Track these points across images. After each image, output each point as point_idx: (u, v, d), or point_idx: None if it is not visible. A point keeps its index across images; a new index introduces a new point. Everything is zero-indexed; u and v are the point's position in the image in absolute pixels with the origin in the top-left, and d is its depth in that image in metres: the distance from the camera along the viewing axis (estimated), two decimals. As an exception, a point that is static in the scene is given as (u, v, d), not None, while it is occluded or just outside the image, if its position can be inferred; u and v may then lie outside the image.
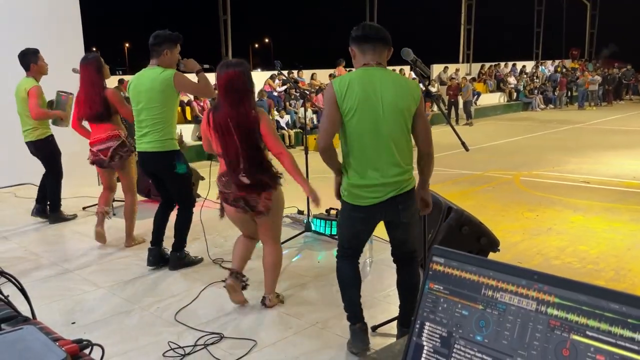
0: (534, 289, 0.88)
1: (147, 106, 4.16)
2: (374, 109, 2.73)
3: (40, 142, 5.60)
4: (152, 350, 3.13)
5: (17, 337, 1.18)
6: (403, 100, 2.74)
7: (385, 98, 2.73)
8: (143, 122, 4.20)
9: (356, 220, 2.94)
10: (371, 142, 2.77)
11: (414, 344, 1.00)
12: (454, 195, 5.83)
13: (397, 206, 2.85)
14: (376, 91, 2.73)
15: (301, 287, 4.02)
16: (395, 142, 2.77)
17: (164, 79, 4.08)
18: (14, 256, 4.81)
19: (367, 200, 2.84)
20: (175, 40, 4.19)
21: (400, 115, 2.75)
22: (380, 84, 2.74)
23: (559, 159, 10.25)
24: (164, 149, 4.20)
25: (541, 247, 5.24)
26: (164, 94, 4.11)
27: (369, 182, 2.80)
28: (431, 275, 1.01)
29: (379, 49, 2.81)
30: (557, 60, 26.52)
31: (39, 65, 5.48)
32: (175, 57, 4.21)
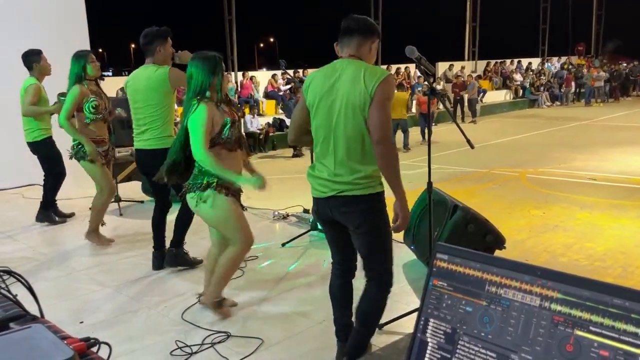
0: (537, 285, 0.88)
1: (143, 105, 4.17)
2: (329, 104, 2.58)
3: (37, 143, 5.60)
4: (159, 349, 3.15)
5: (25, 335, 1.19)
6: (356, 95, 2.50)
7: (340, 92, 2.55)
8: (140, 120, 4.22)
9: (315, 214, 2.87)
10: (325, 137, 2.62)
11: (418, 340, 1.00)
12: (459, 193, 5.82)
13: (339, 208, 2.63)
14: (334, 85, 2.58)
15: (307, 285, 4.03)
16: (347, 138, 2.55)
17: (158, 76, 4.10)
18: (22, 256, 4.84)
19: (316, 191, 2.71)
20: (164, 35, 4.19)
21: (353, 111, 2.52)
22: (339, 78, 2.57)
23: (566, 156, 10.21)
24: (161, 147, 4.14)
25: (548, 245, 5.22)
26: (159, 91, 4.12)
27: (319, 175, 2.66)
28: (435, 272, 1.01)
29: (357, 40, 2.63)
30: (564, 57, 26.40)
31: (42, 65, 5.50)
32: (168, 51, 4.21)
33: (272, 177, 8.23)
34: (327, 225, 2.81)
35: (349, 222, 2.66)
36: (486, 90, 20.68)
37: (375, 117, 2.48)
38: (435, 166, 3.47)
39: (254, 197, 4.03)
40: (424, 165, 8.45)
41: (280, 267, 4.45)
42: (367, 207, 2.60)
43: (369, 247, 2.69)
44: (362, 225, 2.63)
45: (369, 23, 2.70)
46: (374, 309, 2.80)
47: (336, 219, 2.69)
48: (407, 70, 19.46)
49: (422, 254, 4.25)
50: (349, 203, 2.59)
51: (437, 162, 3.29)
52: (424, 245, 4.07)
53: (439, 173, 3.03)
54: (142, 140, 4.25)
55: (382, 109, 2.49)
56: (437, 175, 3.40)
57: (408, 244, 4.56)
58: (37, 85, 5.42)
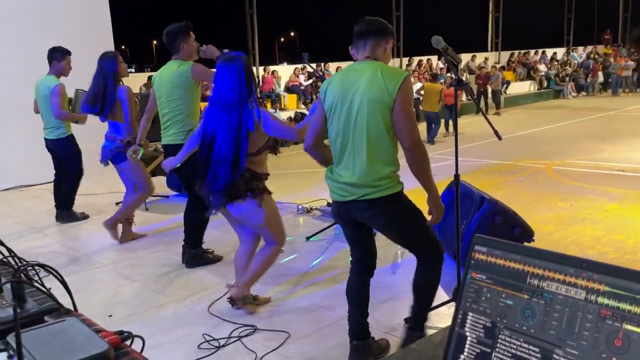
0: (582, 278, 0.85)
1: (167, 100, 4.21)
2: (347, 108, 2.57)
3: (60, 141, 5.64)
4: (187, 342, 3.17)
5: (60, 328, 1.20)
6: (375, 96, 2.49)
7: (358, 95, 2.54)
8: (165, 115, 4.26)
9: (337, 217, 2.85)
10: (344, 141, 2.61)
11: (456, 334, 0.98)
12: (484, 185, 5.74)
13: (363, 212, 2.64)
14: (351, 89, 2.57)
15: (332, 279, 4.02)
16: (368, 141, 2.53)
17: (181, 72, 4.12)
18: (52, 251, 4.92)
19: (336, 195, 2.71)
20: (185, 30, 4.20)
21: (373, 112, 2.50)
22: (356, 81, 2.56)
23: (593, 147, 10.01)
24: (182, 142, 4.11)
25: (576, 237, 5.12)
26: (182, 87, 4.14)
27: (339, 179, 2.66)
28: (473, 265, 0.99)
29: (372, 42, 2.64)
30: (590, 46, 25.86)
31: (62, 65, 5.51)
32: (192, 46, 4.21)
33: (294, 171, 8.25)
34: (348, 225, 2.82)
35: (374, 224, 2.70)
36: (510, 82, 20.37)
37: (402, 125, 2.49)
38: (460, 158, 3.42)
39: (277, 191, 4.03)
40: (448, 157, 8.36)
41: (305, 261, 4.45)
42: (390, 208, 2.61)
43: (404, 239, 2.80)
44: (388, 225, 2.67)
45: (382, 24, 2.70)
46: (428, 285, 2.86)
47: (359, 220, 2.71)
48: (430, 62, 19.26)
49: (448, 246, 4.20)
50: (372, 206, 2.60)
51: (462, 154, 3.24)
52: (451, 238, 4.03)
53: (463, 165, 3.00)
54: (167, 136, 4.29)
55: (408, 115, 2.51)
56: (462, 168, 3.35)
57: (434, 237, 4.52)
58: (61, 85, 5.47)
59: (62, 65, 5.52)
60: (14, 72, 7.24)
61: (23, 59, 7.18)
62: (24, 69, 7.09)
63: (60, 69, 5.53)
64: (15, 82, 7.18)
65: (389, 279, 3.90)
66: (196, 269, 4.34)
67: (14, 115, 7.25)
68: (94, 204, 6.19)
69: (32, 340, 1.12)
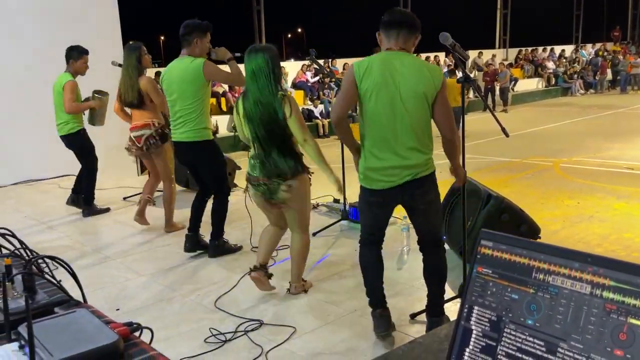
0: (587, 272, 0.86)
1: (179, 97, 4.20)
2: (391, 93, 2.71)
3: (71, 136, 5.68)
4: (193, 336, 3.19)
5: (71, 319, 1.22)
6: (422, 86, 2.70)
7: (403, 82, 2.70)
8: (177, 112, 4.25)
9: (373, 204, 2.94)
10: (388, 125, 2.75)
11: (462, 328, 0.99)
12: (492, 182, 5.74)
13: (414, 191, 2.83)
14: (395, 75, 2.71)
15: (339, 275, 4.03)
16: (412, 126, 2.74)
17: (193, 69, 4.11)
18: (60, 245, 4.96)
19: (382, 183, 2.83)
20: (204, 29, 4.21)
21: (419, 100, 2.71)
22: (400, 69, 2.71)
23: (601, 145, 9.97)
24: (198, 139, 4.24)
25: (583, 235, 5.11)
26: (194, 84, 4.14)
27: (385, 165, 2.79)
28: (479, 259, 0.99)
29: (404, 34, 2.78)
30: (598, 44, 25.69)
31: (79, 64, 5.56)
32: (205, 46, 4.22)
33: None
34: (383, 208, 2.95)
35: (421, 201, 2.87)
36: (517, 79, 20.29)
37: (445, 116, 2.79)
38: (467, 156, 3.42)
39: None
40: (454, 154, 8.34)
41: (311, 256, 4.44)
42: (434, 184, 2.90)
43: (434, 219, 2.98)
44: (433, 202, 2.91)
45: (415, 18, 2.82)
46: (443, 271, 3.08)
47: (405, 203, 2.90)
48: (437, 58, 19.21)
49: (454, 243, 4.21)
50: (423, 184, 2.82)
51: (469, 151, 3.24)
52: (457, 234, 4.03)
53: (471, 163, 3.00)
54: (178, 133, 4.29)
55: (448, 107, 2.82)
56: (469, 165, 3.36)
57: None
58: (73, 82, 5.51)
59: (79, 65, 5.57)
60: (25, 67, 7.28)
61: (33, 54, 7.23)
62: (34, 65, 7.15)
63: (77, 68, 5.58)
64: (26, 77, 7.23)
65: (394, 275, 3.91)
66: (204, 263, 4.37)
67: (24, 111, 7.30)
68: (101, 198, 6.22)
69: (43, 330, 1.14)
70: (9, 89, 7.29)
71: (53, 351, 1.06)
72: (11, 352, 1.14)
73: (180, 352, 2.99)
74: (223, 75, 4.44)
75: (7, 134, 7.36)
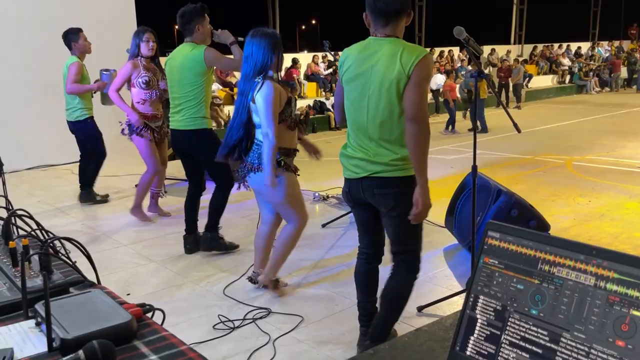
0: (592, 264, 0.87)
1: (179, 84, 4.14)
2: (364, 83, 2.51)
3: (79, 122, 5.67)
4: (202, 323, 3.24)
5: (86, 299, 1.25)
6: (391, 73, 2.41)
7: (376, 72, 2.47)
8: (176, 99, 4.19)
9: (345, 196, 2.76)
10: (359, 116, 2.56)
11: (467, 316, 1.01)
12: (503, 178, 5.72)
13: (373, 190, 2.57)
14: (368, 64, 2.50)
15: (347, 266, 4.06)
16: (381, 118, 2.48)
17: (194, 56, 4.04)
18: (73, 229, 5.03)
19: (348, 172, 2.65)
20: (201, 12, 4.11)
21: (389, 90, 2.43)
22: (374, 56, 2.49)
23: (614, 144, 9.89)
24: (195, 127, 4.14)
25: (593, 234, 5.09)
26: (194, 70, 4.06)
27: (352, 155, 2.60)
28: (486, 250, 1.01)
29: (393, 22, 2.49)
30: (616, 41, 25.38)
31: (80, 43, 5.54)
32: (207, 29, 4.13)
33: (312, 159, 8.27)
34: (358, 208, 2.75)
35: (382, 205, 2.59)
36: (532, 75, 20.12)
37: (410, 95, 2.40)
38: (479, 151, 3.42)
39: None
40: (466, 150, 8.32)
41: (320, 247, 4.50)
42: (402, 189, 2.52)
43: (400, 231, 2.63)
44: (395, 208, 2.56)
45: (401, 2, 2.50)
46: (401, 293, 2.76)
47: (368, 201, 2.63)
48: (451, 53, 19.10)
49: (463, 238, 4.22)
50: (383, 185, 2.53)
51: (480, 147, 3.22)
52: (466, 229, 4.04)
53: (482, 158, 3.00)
54: (176, 120, 4.21)
55: (418, 87, 2.40)
56: (480, 161, 3.35)
57: (449, 228, 4.53)
58: (78, 62, 5.49)
59: (81, 44, 5.55)
60: (37, 53, 7.35)
61: (45, 40, 7.27)
62: (46, 50, 7.20)
63: (80, 48, 5.56)
64: (38, 63, 7.30)
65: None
66: (213, 252, 4.40)
67: (37, 96, 7.38)
68: (112, 186, 6.29)
69: (59, 308, 1.18)
70: (24, 75, 7.37)
71: (69, 328, 1.10)
72: (28, 329, 1.18)
73: (189, 338, 3.01)
74: (224, 61, 4.27)
75: (21, 119, 7.45)
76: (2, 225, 1.62)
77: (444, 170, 7.26)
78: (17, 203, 1.83)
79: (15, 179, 7.05)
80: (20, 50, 7.36)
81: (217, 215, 4.33)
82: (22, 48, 7.37)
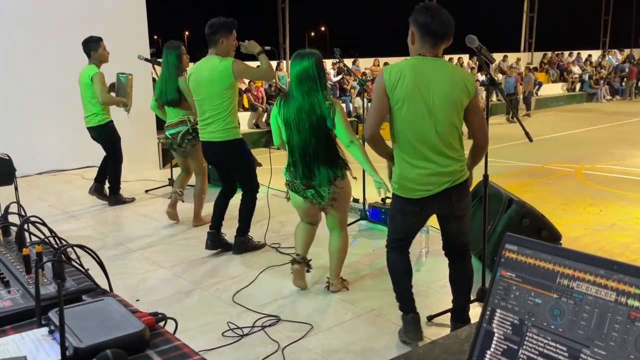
0: (613, 279, 0.86)
1: (208, 96, 4.19)
2: (424, 100, 2.68)
3: (100, 127, 5.79)
4: (211, 330, 3.23)
5: (99, 307, 1.25)
6: (455, 92, 2.70)
7: (436, 89, 2.68)
8: (206, 112, 4.24)
9: (408, 213, 2.90)
10: (422, 133, 2.72)
11: (484, 330, 0.99)
12: (513, 187, 5.69)
13: (451, 198, 2.80)
14: (428, 82, 2.68)
15: (356, 274, 4.04)
16: (446, 133, 2.73)
17: (223, 68, 4.11)
18: (83, 235, 5.04)
19: (419, 192, 2.80)
20: (229, 27, 4.20)
21: (452, 107, 2.70)
22: (434, 75, 2.69)
23: (625, 153, 9.82)
24: (228, 138, 4.25)
25: (604, 243, 5.05)
26: (223, 83, 4.14)
27: (421, 173, 2.76)
28: (503, 263, 1.00)
29: (444, 44, 2.76)
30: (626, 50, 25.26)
31: (100, 53, 5.65)
32: (231, 44, 4.23)
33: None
34: (419, 217, 2.96)
35: (458, 209, 2.85)
36: (542, 83, 20.05)
37: (479, 122, 2.82)
38: (490, 159, 3.39)
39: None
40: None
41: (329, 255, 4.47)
42: (469, 190, 2.90)
43: (464, 226, 2.95)
44: (467, 208, 2.92)
45: (452, 24, 2.76)
46: (472, 276, 3.11)
47: (440, 210, 2.87)
48: (461, 60, 19.09)
49: (474, 247, 4.18)
50: (460, 191, 2.82)
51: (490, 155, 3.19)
52: (477, 238, 4.01)
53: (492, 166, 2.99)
54: (207, 133, 4.28)
55: (481, 113, 2.86)
56: (490, 169, 3.34)
57: (459, 236, 4.50)
58: (101, 73, 5.60)
59: (100, 53, 5.66)
60: (49, 59, 7.41)
61: (57, 46, 7.34)
62: (58, 56, 7.26)
63: (99, 57, 5.67)
64: (49, 68, 7.35)
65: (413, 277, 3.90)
66: (223, 258, 4.41)
67: (48, 102, 7.44)
68: (123, 190, 6.30)
69: (72, 317, 1.17)
70: (35, 81, 7.42)
71: (82, 337, 1.10)
72: (41, 336, 1.18)
73: (198, 345, 3.02)
74: (252, 71, 4.44)
75: (32, 125, 7.50)
76: (16, 232, 1.62)
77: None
78: (28, 208, 1.83)
79: (26, 183, 7.09)
80: (32, 56, 7.42)
81: (247, 219, 4.48)
82: (34, 53, 7.43)
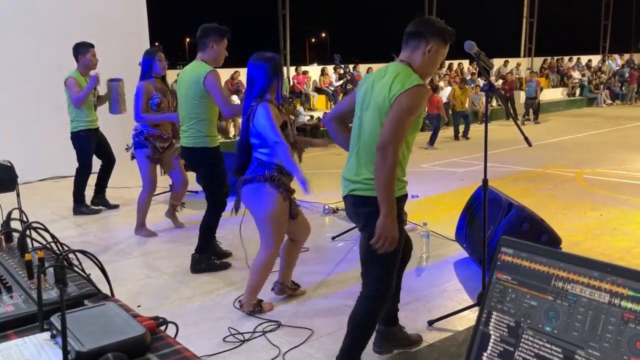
0: (606, 282, 0.87)
1: (184, 101, 4.13)
2: (362, 105, 2.58)
3: (72, 134, 5.75)
4: (212, 335, 3.24)
5: (100, 312, 1.26)
6: (380, 97, 2.45)
7: (373, 95, 2.52)
8: (183, 117, 4.17)
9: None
10: (354, 137, 2.63)
11: (480, 332, 1.01)
12: (513, 192, 5.70)
13: (350, 207, 2.64)
14: (370, 88, 2.55)
15: (357, 279, 4.02)
16: (368, 141, 2.51)
17: (197, 76, 3.99)
18: (84, 241, 5.06)
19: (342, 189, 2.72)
20: (221, 33, 4.10)
21: (376, 113, 2.47)
22: (376, 81, 2.52)
23: (626, 157, 9.82)
24: (195, 145, 4.13)
25: (605, 248, 5.04)
26: (194, 90, 4.02)
27: (343, 174, 2.69)
28: (499, 266, 1.01)
29: (411, 44, 2.51)
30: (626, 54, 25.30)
31: (87, 58, 5.63)
32: (221, 51, 4.13)
33: (322, 171, 8.29)
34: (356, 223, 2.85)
35: (357, 222, 2.67)
36: (542, 88, 20.06)
37: (385, 124, 2.40)
38: (489, 164, 3.41)
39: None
40: (476, 162, 8.30)
41: (330, 260, 4.50)
42: (373, 211, 2.44)
43: (366, 252, 2.60)
44: (366, 227, 2.55)
45: (427, 25, 2.53)
46: (360, 319, 2.68)
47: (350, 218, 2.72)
48: (461, 66, 19.12)
49: (474, 252, 4.20)
50: (358, 202, 2.56)
51: (490, 160, 3.20)
52: (477, 243, 4.02)
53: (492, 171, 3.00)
54: (183, 137, 4.21)
55: (394, 118, 2.38)
56: (490, 174, 3.35)
57: (460, 241, 4.51)
58: (73, 78, 5.56)
59: (88, 59, 5.63)
60: (50, 66, 7.44)
61: (59, 53, 7.36)
62: (59, 63, 7.28)
63: (86, 63, 5.64)
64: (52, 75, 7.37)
65: (413, 282, 3.91)
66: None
67: (50, 109, 7.46)
68: (124, 197, 6.33)
69: (74, 321, 1.19)
70: (37, 88, 7.46)
71: (84, 341, 1.11)
72: (43, 341, 1.19)
73: (199, 350, 3.02)
74: (220, 95, 4.04)
75: (33, 132, 7.54)
76: (18, 238, 1.64)
77: (454, 183, 7.24)
78: (30, 214, 1.85)
79: (28, 190, 7.11)
80: (33, 63, 7.46)
81: (206, 236, 4.26)
82: (35, 60, 7.47)
